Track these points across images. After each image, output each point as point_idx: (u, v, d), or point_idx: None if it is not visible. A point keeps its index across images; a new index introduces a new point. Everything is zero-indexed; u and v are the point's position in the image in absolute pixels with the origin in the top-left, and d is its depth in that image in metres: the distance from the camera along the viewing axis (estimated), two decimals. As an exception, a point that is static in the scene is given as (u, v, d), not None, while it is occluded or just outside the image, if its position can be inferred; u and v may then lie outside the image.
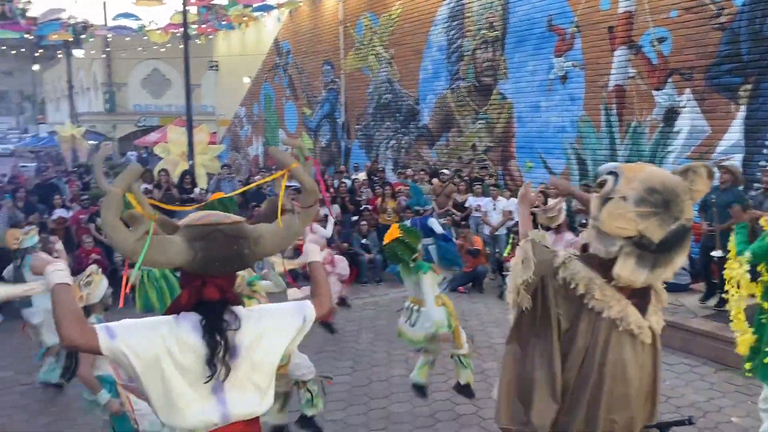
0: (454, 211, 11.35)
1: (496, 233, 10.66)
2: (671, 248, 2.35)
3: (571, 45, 11.25)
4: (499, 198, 10.87)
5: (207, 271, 2.15)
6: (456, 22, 13.81)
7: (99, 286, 4.31)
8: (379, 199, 11.63)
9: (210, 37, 25.58)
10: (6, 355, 7.48)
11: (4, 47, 27.41)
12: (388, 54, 16.00)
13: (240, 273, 4.89)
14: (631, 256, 2.35)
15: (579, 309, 2.45)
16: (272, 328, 2.28)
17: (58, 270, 2.09)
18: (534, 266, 2.45)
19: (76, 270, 9.24)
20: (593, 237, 2.48)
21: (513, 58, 12.50)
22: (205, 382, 2.11)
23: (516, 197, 11.25)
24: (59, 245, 9.05)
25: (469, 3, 13.39)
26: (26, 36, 20.63)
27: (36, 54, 36.78)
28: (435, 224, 6.91)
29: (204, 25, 22.48)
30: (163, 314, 2.24)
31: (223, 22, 22.18)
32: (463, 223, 10.70)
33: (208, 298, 2.15)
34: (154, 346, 2.06)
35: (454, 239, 9.47)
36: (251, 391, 2.22)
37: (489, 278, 10.13)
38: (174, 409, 2.11)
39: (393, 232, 5.56)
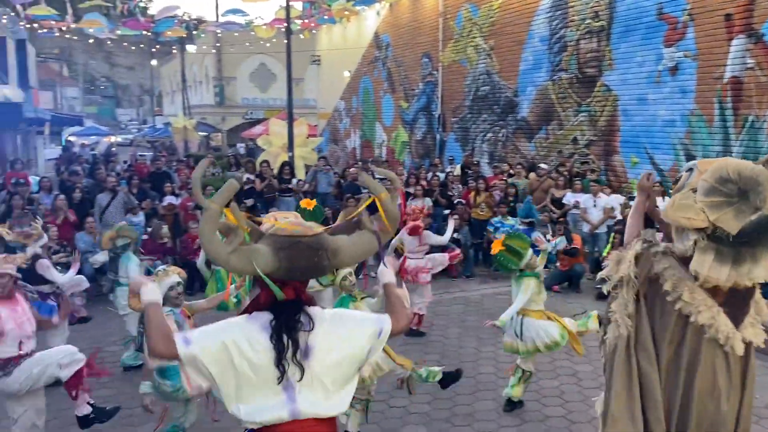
0: (551, 207, 11.02)
1: (596, 231, 10.26)
2: (755, 241, 2.15)
3: (683, 34, 10.60)
4: (600, 194, 10.44)
5: (288, 278, 2.28)
6: (559, 12, 13.36)
7: (163, 282, 4.59)
8: (473, 193, 11.48)
9: (313, 31, 26.18)
10: (107, 334, 8.03)
11: (126, 44, 29.38)
12: (488, 45, 15.74)
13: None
14: (707, 250, 2.19)
15: (667, 311, 2.30)
16: (347, 334, 2.35)
17: (151, 290, 2.36)
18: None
19: (183, 253, 9.82)
20: (673, 235, 2.33)
21: (619, 48, 11.94)
22: (278, 383, 2.21)
23: (618, 194, 10.81)
24: (165, 230, 9.63)
25: (573, -8, 12.92)
26: (145, 33, 21.99)
27: (153, 50, 39.11)
28: (539, 239, 6.57)
29: (307, 20, 23.03)
30: (239, 313, 2.37)
31: (326, 17, 22.63)
32: (560, 220, 10.36)
33: (284, 298, 2.28)
34: (226, 348, 2.19)
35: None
36: (321, 392, 2.28)
37: (586, 278, 9.76)
38: (246, 404, 2.22)
39: (498, 244, 5.43)
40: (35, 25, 19.62)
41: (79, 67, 63.52)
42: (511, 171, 12.75)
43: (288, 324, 2.24)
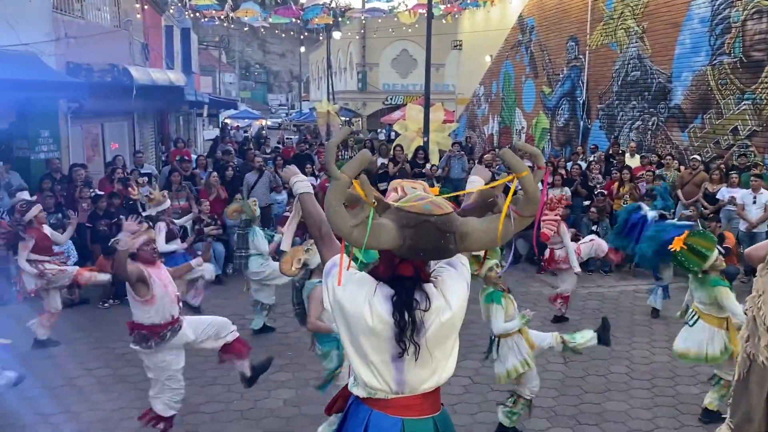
0: (703, 202, 10.19)
1: (754, 230, 9.35)
2: None
3: None
4: (762, 190, 9.48)
5: (410, 257, 2.19)
6: (724, -10, 12.23)
7: (317, 254, 4.71)
8: (616, 184, 10.89)
9: (456, 16, 26.00)
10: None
11: (277, 31, 30.94)
12: (640, 28, 14.77)
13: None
14: None
15: None
16: (454, 301, 2.29)
17: (301, 181, 2.66)
18: None
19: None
20: None
21: (794, 28, 10.72)
22: (399, 357, 2.20)
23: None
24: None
25: (742, -33, 11.76)
26: (295, 20, 23.00)
27: (302, 37, 40.85)
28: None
29: (450, 5, 22.91)
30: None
31: (469, 1, 22.37)
32: (711, 216, 9.55)
33: (403, 273, 2.23)
34: (359, 303, 2.21)
35: None
36: (429, 366, 2.27)
37: (740, 280, 8.94)
38: (362, 360, 2.26)
39: (679, 242, 4.96)
40: (198, 14, 21.26)
41: (236, 54, 67.88)
42: (661, 161, 11.92)
43: (407, 301, 2.20)
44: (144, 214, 7.68)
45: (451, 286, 2.31)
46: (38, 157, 10.56)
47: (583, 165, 12.38)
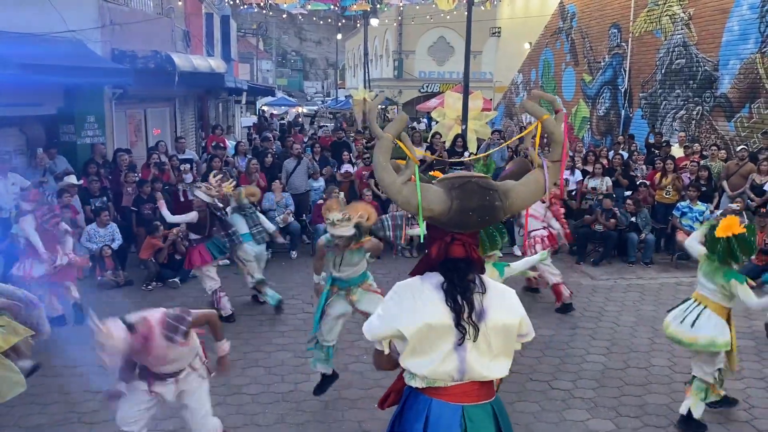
0: (750, 194, 9.92)
1: (803, 224, 9.06)
2: None
3: None
4: (813, 183, 9.19)
5: (461, 220, 2.23)
6: (777, -26, 11.80)
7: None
8: (659, 175, 10.67)
9: (495, 3, 25.67)
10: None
11: (315, 18, 30.99)
12: (686, 14, 14.38)
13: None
14: None
15: None
16: (509, 303, 2.36)
17: None
18: None
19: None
20: None
21: None
22: (459, 344, 2.23)
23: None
24: (342, 196, 10.18)
25: (796, -50, 11.33)
26: (333, 7, 23.02)
27: (339, 24, 40.85)
28: None
29: (490, -9, 22.64)
30: (410, 274, 2.39)
31: (509, -13, 22.05)
32: (762, 210, 9.27)
33: (454, 255, 2.25)
34: (400, 315, 2.27)
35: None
36: (488, 355, 2.29)
37: (788, 276, 8.69)
38: (418, 356, 2.28)
39: (729, 228, 4.71)
40: (237, 1, 21.40)
41: (273, 42, 68.20)
42: (704, 152, 11.64)
43: (461, 284, 2.23)
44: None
45: (509, 298, 2.40)
46: (84, 141, 10.81)
47: (625, 155, 12.16)
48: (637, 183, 10.79)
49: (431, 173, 4.98)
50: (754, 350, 6.46)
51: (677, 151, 12.30)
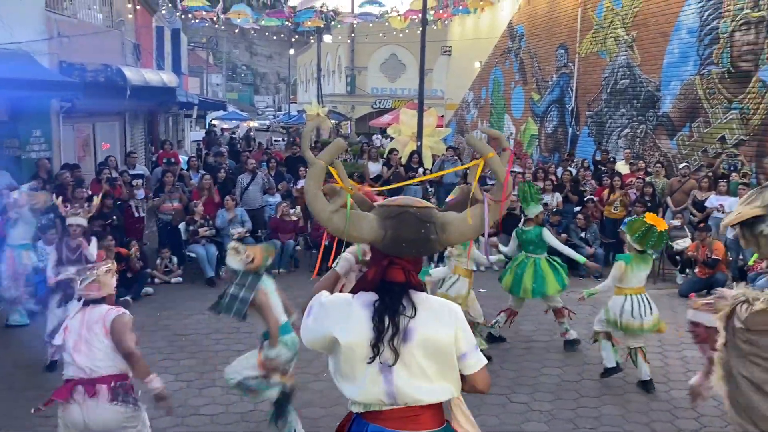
0: (692, 209, 10.36)
1: (742, 238, 9.50)
2: None
3: None
4: (749, 199, 9.64)
5: (394, 251, 2.20)
6: (712, 2, 12.43)
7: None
8: (606, 191, 11.03)
9: (446, 22, 26.14)
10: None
11: (267, 33, 30.91)
12: (629, 37, 14.98)
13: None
14: None
15: None
16: (440, 319, 2.23)
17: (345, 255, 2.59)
18: None
19: (314, 234, 10.24)
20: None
21: (781, 40, 10.93)
22: (368, 363, 2.16)
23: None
24: (297, 210, 10.18)
25: (730, -21, 11.97)
26: (286, 23, 23.02)
27: (293, 39, 40.86)
28: None
29: (441, 11, 23.06)
30: (351, 291, 2.34)
31: (460, 8, 22.54)
32: (701, 225, 9.69)
33: (392, 279, 2.20)
34: (332, 324, 2.21)
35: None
36: (420, 377, 2.19)
37: (728, 286, 9.07)
38: (346, 380, 2.23)
39: (658, 222, 5.85)
40: (190, 15, 21.19)
41: (223, 56, 67.62)
42: (648, 169, 12.10)
43: (392, 306, 2.16)
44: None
45: (443, 315, 2.26)
46: (29, 156, 10.49)
47: (574, 171, 12.53)
48: (585, 199, 11.13)
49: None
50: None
51: (623, 167, 12.74)
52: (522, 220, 7.16)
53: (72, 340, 3.72)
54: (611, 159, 13.67)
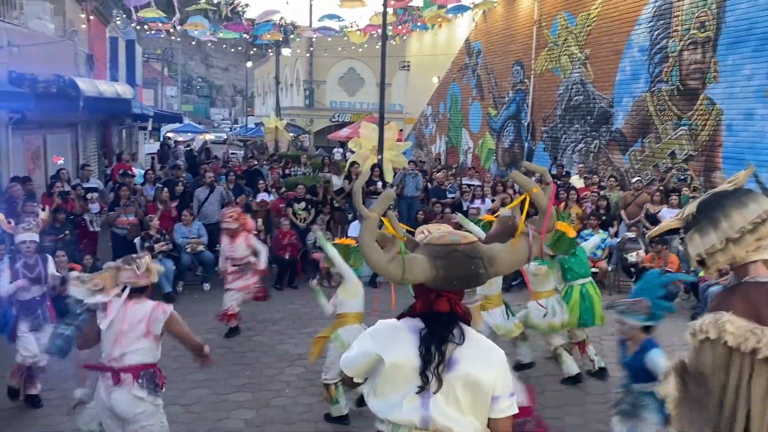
0: (645, 222, 10.65)
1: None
2: (718, 203, 2.47)
3: (800, 46, 10.00)
4: (699, 212, 9.96)
5: (445, 287, 2.25)
6: (662, 22, 12.90)
7: None
8: (562, 205, 11.24)
9: (404, 38, 26.41)
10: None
11: (225, 46, 30.68)
12: (583, 54, 15.40)
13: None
14: (692, 236, 2.49)
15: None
16: (487, 358, 2.29)
17: None
18: None
19: (274, 248, 10.14)
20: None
21: (726, 60, 11.40)
22: (417, 393, 2.20)
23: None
24: (259, 223, 10.05)
25: (678, 2, 12.45)
26: (244, 35, 22.87)
27: (252, 52, 40.61)
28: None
29: (400, 26, 23.30)
30: (399, 316, 2.38)
31: (418, 24, 22.80)
32: (655, 238, 9.97)
33: (439, 309, 2.25)
34: (379, 346, 2.26)
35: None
36: (455, 408, 2.23)
37: (681, 298, 9.36)
38: (381, 398, 2.26)
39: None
40: (146, 26, 20.86)
41: (178, 68, 66.71)
42: (602, 183, 12.41)
43: (440, 335, 2.21)
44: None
45: (491, 357, 2.33)
46: (-24, 169, 10.10)
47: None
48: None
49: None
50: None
51: (577, 182, 13.03)
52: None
53: (112, 332, 3.92)
54: (566, 173, 13.97)
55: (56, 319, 5.66)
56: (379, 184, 12.57)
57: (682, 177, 12.02)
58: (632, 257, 9.87)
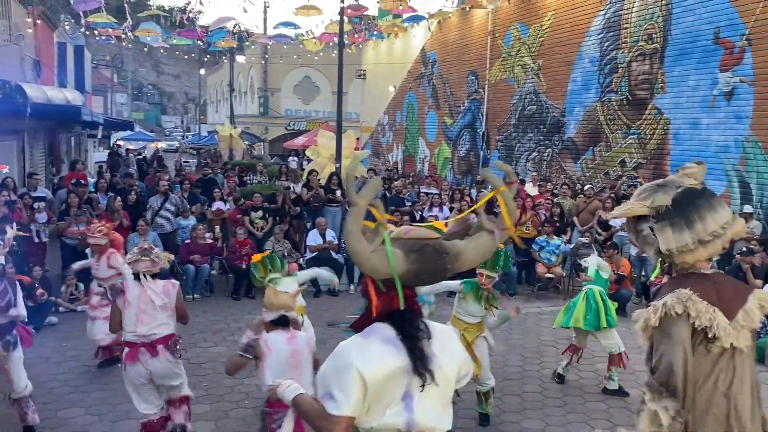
0: (597, 228, 10.92)
1: (643, 255, 10.09)
2: (692, 202, 2.54)
3: (740, 59, 10.45)
4: (648, 218, 10.28)
5: (413, 282, 2.23)
6: (611, 34, 13.30)
7: None
8: (518, 212, 11.43)
9: (360, 46, 26.48)
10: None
11: (177, 53, 30.17)
12: (536, 65, 15.74)
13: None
14: (663, 228, 2.55)
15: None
16: (451, 348, 2.31)
17: (290, 387, 2.37)
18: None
19: (230, 258, 9.99)
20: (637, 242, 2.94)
21: (673, 71, 11.83)
22: (421, 390, 2.16)
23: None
24: (217, 230, 9.88)
25: (627, 14, 12.86)
26: (197, 42, 22.52)
27: (205, 59, 40.06)
28: None
29: (356, 35, 23.35)
30: (350, 327, 2.32)
31: (374, 32, 22.89)
32: (607, 243, 10.23)
33: (398, 307, 2.20)
34: (355, 383, 2.10)
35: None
36: (437, 404, 2.23)
37: (633, 302, 9.62)
38: (372, 414, 2.16)
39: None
40: (95, 32, 20.33)
41: (128, 74, 65.30)
42: (555, 191, 12.68)
43: (412, 333, 2.19)
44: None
45: (452, 342, 2.37)
46: None
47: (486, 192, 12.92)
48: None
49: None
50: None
51: (531, 189, 13.28)
52: None
53: (133, 313, 4.65)
54: (521, 181, 14.20)
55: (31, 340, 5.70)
56: (338, 192, 12.55)
57: (632, 184, 12.37)
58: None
